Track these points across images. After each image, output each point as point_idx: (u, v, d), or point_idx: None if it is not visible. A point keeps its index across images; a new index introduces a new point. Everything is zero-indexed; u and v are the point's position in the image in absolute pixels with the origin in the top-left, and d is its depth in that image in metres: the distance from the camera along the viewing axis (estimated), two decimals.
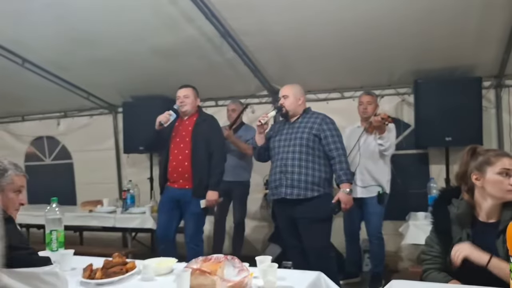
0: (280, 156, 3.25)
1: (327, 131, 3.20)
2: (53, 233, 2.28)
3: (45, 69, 4.65)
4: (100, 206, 4.65)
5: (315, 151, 3.19)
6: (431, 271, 1.91)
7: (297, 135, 3.22)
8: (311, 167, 3.16)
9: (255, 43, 3.97)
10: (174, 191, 3.63)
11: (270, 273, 1.77)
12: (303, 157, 3.16)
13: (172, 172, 3.62)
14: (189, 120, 3.69)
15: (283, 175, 3.19)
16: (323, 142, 3.20)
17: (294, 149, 3.19)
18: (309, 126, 3.22)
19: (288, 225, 3.30)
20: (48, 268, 1.62)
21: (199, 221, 3.65)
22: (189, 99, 3.65)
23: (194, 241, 3.60)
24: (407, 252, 4.46)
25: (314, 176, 3.15)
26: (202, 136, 3.59)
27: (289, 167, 3.18)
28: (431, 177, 4.16)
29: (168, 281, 1.92)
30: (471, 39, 3.66)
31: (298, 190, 3.14)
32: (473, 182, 1.85)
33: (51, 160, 6.12)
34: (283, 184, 3.18)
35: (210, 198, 3.55)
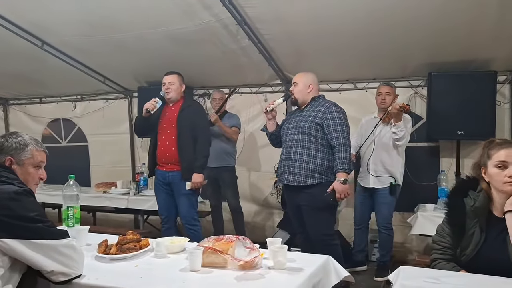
0: (286, 144, 3.33)
1: (329, 120, 3.20)
2: (70, 209, 2.34)
3: (63, 52, 4.72)
4: (114, 187, 4.76)
5: (317, 139, 3.21)
6: (440, 261, 1.92)
7: (301, 123, 3.27)
8: (313, 155, 3.19)
9: (270, 31, 3.99)
10: (164, 174, 3.76)
11: (280, 254, 1.83)
12: (306, 144, 3.21)
13: (160, 157, 3.76)
14: (175, 106, 3.79)
15: (287, 162, 3.27)
16: (325, 130, 3.21)
17: (298, 137, 3.25)
18: (313, 115, 3.25)
19: (295, 212, 3.38)
20: (65, 241, 1.69)
21: (190, 200, 3.75)
22: (174, 86, 3.74)
23: (189, 221, 3.71)
24: (414, 244, 4.49)
25: (316, 164, 3.18)
26: (187, 122, 3.69)
27: (292, 154, 3.24)
28: (441, 169, 4.17)
29: (180, 259, 1.98)
30: (488, 33, 3.62)
31: (298, 177, 3.20)
32: (483, 176, 1.85)
33: (66, 142, 6.23)
34: (286, 171, 3.27)
35: (195, 180, 3.66)
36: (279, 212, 5.00)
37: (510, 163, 1.75)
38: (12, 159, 1.81)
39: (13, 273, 1.64)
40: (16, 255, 1.59)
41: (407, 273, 1.73)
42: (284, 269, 1.80)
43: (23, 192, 1.65)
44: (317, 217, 3.20)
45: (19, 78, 5.56)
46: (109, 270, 1.85)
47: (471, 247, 1.83)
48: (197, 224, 3.77)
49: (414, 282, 1.62)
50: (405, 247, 4.56)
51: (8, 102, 6.53)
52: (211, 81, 5.16)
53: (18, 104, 6.48)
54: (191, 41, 4.22)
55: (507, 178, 1.74)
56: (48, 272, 1.63)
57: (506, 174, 1.74)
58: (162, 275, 1.79)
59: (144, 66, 4.98)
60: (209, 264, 1.84)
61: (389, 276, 1.77)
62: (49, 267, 1.63)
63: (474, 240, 1.83)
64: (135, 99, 5.61)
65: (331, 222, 3.38)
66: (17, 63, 5.03)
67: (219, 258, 1.84)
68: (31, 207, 1.64)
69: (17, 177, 1.76)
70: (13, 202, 1.59)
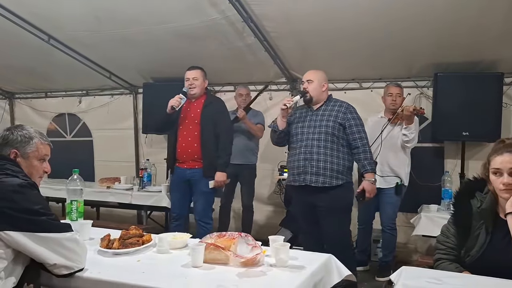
0: (304, 143, 3.22)
1: (351, 120, 3.20)
2: (73, 203, 2.36)
3: (69, 46, 4.74)
4: (117, 183, 4.78)
5: (339, 139, 3.18)
6: (443, 261, 1.91)
7: (321, 123, 3.20)
8: (335, 155, 3.16)
9: (276, 29, 3.98)
10: (184, 171, 3.71)
11: (282, 252, 1.82)
12: (328, 145, 3.16)
13: (181, 153, 3.69)
14: (197, 102, 3.74)
15: (308, 162, 3.17)
16: (347, 130, 3.19)
17: (319, 137, 3.17)
18: (334, 114, 3.21)
19: (306, 212, 3.30)
20: (69, 234, 1.69)
21: (208, 199, 3.74)
22: (198, 81, 3.69)
23: (204, 218, 3.69)
24: (417, 245, 4.48)
25: (339, 164, 3.15)
26: (211, 118, 3.65)
27: (314, 154, 3.16)
28: (445, 171, 4.15)
29: (182, 254, 1.99)
30: (495, 34, 3.61)
31: (323, 178, 3.13)
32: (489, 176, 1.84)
33: (71, 137, 6.26)
34: (308, 171, 3.16)
35: (218, 179, 3.64)
36: (282, 211, 4.99)
37: (504, 170, 1.75)
38: (17, 152, 1.82)
39: (16, 266, 1.65)
40: (20, 247, 1.60)
41: (409, 273, 1.72)
42: (286, 266, 1.80)
43: (27, 185, 1.66)
44: (336, 218, 3.16)
45: (25, 72, 5.59)
46: (112, 264, 1.85)
47: (476, 248, 1.83)
48: (210, 223, 3.75)
49: (416, 282, 1.61)
50: (408, 248, 4.55)
51: (14, 96, 6.56)
52: (217, 78, 5.15)
53: (23, 98, 6.51)
54: (197, 37, 4.23)
55: (501, 185, 1.74)
56: (51, 265, 1.64)
57: (501, 182, 1.75)
58: (164, 270, 1.79)
59: (150, 62, 4.99)
60: (211, 261, 1.84)
61: (391, 276, 1.77)
62: (52, 260, 1.63)
63: (479, 242, 1.83)
64: (140, 95, 5.62)
65: (349, 224, 3.34)
66: (24, 57, 5.06)
67: (221, 255, 1.84)
68: (35, 200, 1.65)
69: (22, 170, 1.77)
70: (17, 195, 1.60)
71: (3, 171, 1.67)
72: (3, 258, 1.59)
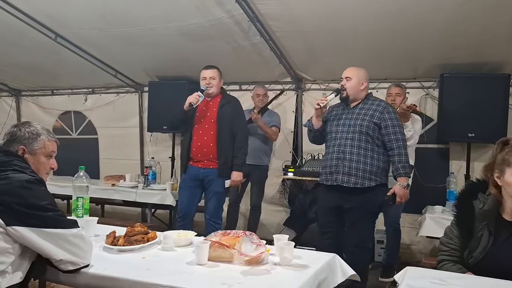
0: (337, 142, 3.15)
1: (388, 121, 3.09)
2: (79, 200, 2.37)
3: (76, 44, 4.76)
4: (122, 181, 4.79)
5: (374, 139, 3.09)
6: (447, 263, 1.91)
7: (356, 122, 3.11)
8: (369, 156, 3.07)
9: (282, 29, 3.98)
10: (198, 170, 3.68)
11: (286, 251, 1.82)
12: (362, 145, 3.07)
13: (197, 152, 3.67)
14: (213, 101, 3.72)
15: (340, 162, 3.10)
16: (383, 131, 3.09)
17: (353, 136, 3.09)
18: (370, 114, 3.10)
19: (330, 212, 3.22)
20: (75, 230, 1.70)
21: (221, 199, 3.74)
22: (215, 81, 3.68)
23: (214, 218, 3.68)
24: (421, 246, 4.47)
25: (373, 165, 3.07)
26: (227, 118, 3.64)
27: (347, 154, 3.08)
28: (451, 172, 4.14)
29: (187, 252, 1.99)
30: (501, 35, 3.60)
31: (355, 178, 3.05)
32: (495, 179, 1.80)
33: (77, 135, 6.29)
34: (340, 171, 3.09)
35: (235, 178, 3.65)
36: (286, 210, 5.00)
37: None
38: (25, 148, 1.83)
39: (23, 261, 1.67)
40: (27, 242, 1.61)
41: (413, 274, 1.71)
42: (290, 265, 1.80)
43: (34, 181, 1.67)
44: (363, 220, 3.10)
45: (32, 70, 5.62)
46: (117, 261, 1.86)
47: (479, 249, 1.82)
48: (220, 223, 3.75)
49: (420, 282, 1.61)
50: (412, 249, 4.54)
51: (20, 94, 6.60)
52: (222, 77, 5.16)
53: (30, 95, 6.54)
54: (203, 37, 4.24)
55: None
56: (57, 260, 1.66)
57: None
58: (168, 267, 1.79)
59: (156, 61, 5.01)
60: (216, 258, 1.85)
61: (395, 276, 1.77)
62: (58, 256, 1.65)
63: (482, 243, 1.82)
64: (146, 94, 5.64)
65: (373, 230, 3.31)
66: (31, 55, 5.09)
67: (226, 253, 1.85)
68: (43, 196, 1.67)
69: (29, 166, 1.79)
70: (25, 191, 1.62)
71: (10, 167, 1.68)
72: (10, 253, 1.60)
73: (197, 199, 3.79)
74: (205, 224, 3.71)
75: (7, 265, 1.60)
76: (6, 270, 1.59)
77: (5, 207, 1.57)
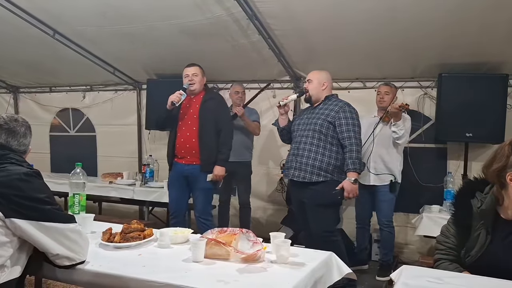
0: (295, 140, 3.37)
1: (342, 119, 3.24)
2: (75, 197, 2.36)
3: (74, 41, 4.75)
4: (120, 178, 4.79)
5: (327, 137, 3.25)
6: (443, 261, 1.90)
7: (312, 121, 3.30)
8: (320, 153, 3.23)
9: (281, 27, 3.97)
10: (182, 167, 3.73)
11: (283, 249, 1.83)
12: (315, 142, 3.25)
13: (180, 149, 3.73)
14: (196, 98, 3.78)
15: (294, 157, 3.31)
16: (337, 129, 3.25)
17: (307, 134, 3.28)
18: (326, 113, 3.29)
19: (299, 208, 3.42)
20: (72, 225, 1.71)
21: (208, 196, 3.76)
22: (197, 77, 3.73)
23: (204, 215, 3.70)
24: (418, 245, 4.47)
25: (322, 162, 3.21)
26: (210, 114, 3.68)
27: (300, 150, 3.28)
28: (448, 171, 4.14)
29: (183, 249, 1.99)
30: (500, 35, 3.59)
31: (304, 173, 3.24)
32: (507, 182, 1.72)
33: (75, 132, 6.27)
34: (293, 166, 3.30)
35: (217, 173, 3.66)
36: (284, 209, 5.00)
37: None
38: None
39: (21, 254, 1.67)
40: (25, 235, 1.61)
41: (410, 273, 1.71)
42: (287, 263, 1.81)
43: (32, 173, 1.67)
44: (319, 214, 3.24)
45: (30, 66, 5.61)
46: (113, 258, 1.86)
47: (476, 248, 1.82)
48: (210, 219, 3.76)
49: (417, 281, 1.61)
50: (409, 248, 4.54)
51: (18, 90, 6.58)
52: (220, 75, 5.16)
53: (28, 92, 6.52)
54: (202, 34, 4.23)
55: None
56: (54, 255, 1.66)
57: None
58: (165, 264, 1.79)
59: (154, 58, 5.00)
60: (212, 256, 1.85)
61: (392, 275, 1.76)
62: (55, 250, 1.65)
63: (480, 242, 1.81)
64: (144, 91, 5.62)
65: (333, 220, 3.38)
66: (29, 52, 5.08)
67: (222, 250, 1.85)
68: (41, 189, 1.67)
69: (25, 159, 1.79)
70: (23, 183, 1.62)
71: (7, 160, 1.68)
72: (9, 247, 1.60)
73: (186, 196, 3.81)
74: (196, 222, 3.72)
75: (6, 259, 1.59)
76: (5, 264, 1.59)
77: (4, 199, 1.57)
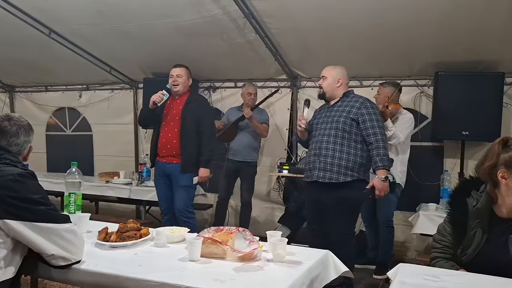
0: (316, 139, 3.22)
1: (365, 115, 3.11)
2: (71, 196, 2.34)
3: (70, 40, 4.74)
4: (117, 177, 4.78)
5: (351, 135, 3.12)
6: (439, 260, 1.91)
7: (334, 119, 3.16)
8: (345, 151, 3.10)
9: (277, 26, 3.98)
10: (164, 165, 3.78)
11: (279, 247, 1.82)
12: (338, 140, 3.11)
13: (162, 148, 3.77)
14: (180, 99, 3.79)
15: (317, 158, 3.16)
16: (361, 126, 3.12)
17: (329, 133, 3.14)
18: (347, 110, 3.16)
19: (314, 209, 3.27)
20: (67, 225, 1.70)
21: (188, 194, 3.77)
22: (182, 79, 3.74)
23: (184, 213, 3.72)
24: (415, 243, 4.48)
25: (349, 161, 3.09)
26: (192, 116, 3.70)
27: (323, 150, 3.14)
28: (445, 170, 4.15)
29: (180, 248, 1.98)
30: (496, 34, 3.60)
31: (330, 173, 3.10)
32: (499, 179, 1.73)
33: (71, 131, 6.25)
34: (316, 167, 3.15)
35: (202, 175, 3.71)
36: (281, 208, 5.00)
37: None
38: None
39: (15, 255, 1.65)
40: (18, 236, 1.60)
41: (406, 270, 1.71)
42: (283, 262, 1.80)
43: (26, 174, 1.66)
44: (344, 215, 3.13)
45: (26, 65, 5.59)
46: (109, 257, 1.85)
47: (473, 247, 1.82)
48: (192, 217, 3.78)
49: (413, 279, 1.61)
50: (406, 246, 4.55)
51: (14, 90, 6.55)
52: (217, 74, 5.16)
53: (24, 91, 6.50)
54: (198, 33, 4.22)
55: None
56: (49, 255, 1.64)
57: None
58: (161, 263, 1.79)
59: (151, 57, 4.99)
60: (208, 255, 1.84)
61: (388, 273, 1.76)
62: (50, 251, 1.63)
63: (476, 240, 1.82)
64: (141, 90, 5.61)
65: (354, 222, 3.31)
66: (25, 51, 5.06)
67: (219, 249, 1.84)
68: (35, 190, 1.65)
69: (20, 160, 1.77)
70: (17, 184, 1.60)
71: (1, 160, 1.67)
72: (2, 248, 1.59)
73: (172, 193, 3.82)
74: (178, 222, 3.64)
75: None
76: None
77: None
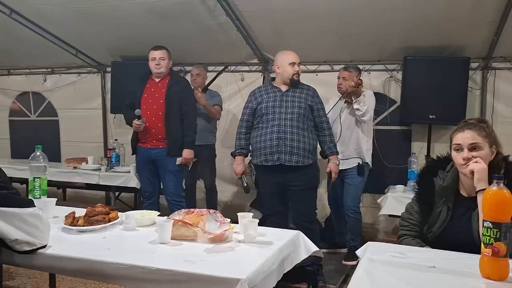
0: (276, 123, 3.26)
1: (319, 104, 3.37)
2: (36, 180, 2.26)
3: (33, 21, 4.56)
4: (84, 163, 4.67)
5: (309, 121, 3.31)
6: (407, 237, 1.96)
7: (294, 104, 3.28)
8: (306, 136, 3.27)
9: (249, 8, 3.94)
10: (148, 151, 3.74)
11: (250, 228, 1.83)
12: (300, 125, 3.26)
13: (145, 133, 3.71)
14: (162, 82, 3.75)
15: (282, 142, 3.22)
16: (314, 113, 3.34)
17: (292, 117, 3.25)
18: (304, 97, 3.32)
19: (275, 191, 3.35)
20: (31, 209, 1.64)
21: (178, 177, 3.78)
22: (165, 61, 3.71)
23: (176, 197, 3.73)
24: (383, 225, 4.59)
25: (310, 144, 3.27)
26: (176, 98, 3.68)
27: (288, 134, 3.23)
28: (412, 152, 4.24)
29: (150, 231, 1.96)
30: (464, 19, 3.68)
31: (297, 157, 3.22)
32: None
33: (36, 117, 6.05)
34: (282, 151, 3.22)
35: (186, 156, 3.70)
36: (252, 192, 5.00)
37: (464, 146, 1.79)
38: None
39: None
40: None
41: (375, 248, 1.75)
42: (254, 242, 1.81)
43: None
44: (307, 196, 3.30)
45: None
46: (76, 241, 1.81)
47: (438, 224, 1.88)
48: (183, 200, 3.79)
49: (381, 256, 1.64)
50: (375, 228, 4.66)
51: None
52: (187, 58, 5.07)
53: None
54: (168, 15, 4.13)
55: (461, 160, 1.78)
56: (12, 240, 1.59)
57: (461, 157, 1.78)
58: (130, 246, 1.76)
59: (119, 40, 4.86)
60: (179, 237, 1.83)
61: (357, 251, 1.80)
62: (13, 236, 1.58)
63: (441, 218, 1.88)
64: (109, 74, 5.46)
65: (315, 200, 3.45)
66: None
67: (189, 231, 1.83)
68: None
69: None
70: None
71: None
72: None
73: (158, 178, 3.82)
74: (168, 205, 3.72)
75: None
76: None
77: None
